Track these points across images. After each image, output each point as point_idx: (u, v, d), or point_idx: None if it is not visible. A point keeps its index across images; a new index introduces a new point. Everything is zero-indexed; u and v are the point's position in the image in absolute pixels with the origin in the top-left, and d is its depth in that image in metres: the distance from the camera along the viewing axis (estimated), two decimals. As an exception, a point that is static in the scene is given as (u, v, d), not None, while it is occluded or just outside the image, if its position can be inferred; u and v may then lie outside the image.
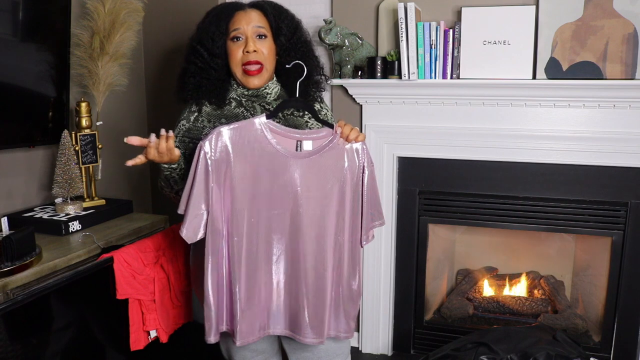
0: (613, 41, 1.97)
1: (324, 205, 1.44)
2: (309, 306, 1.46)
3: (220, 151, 1.35)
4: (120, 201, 2.19)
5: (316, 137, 1.44)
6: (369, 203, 1.50)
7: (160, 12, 2.52)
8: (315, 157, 1.42)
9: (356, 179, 1.47)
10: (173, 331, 1.85)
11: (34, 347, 1.51)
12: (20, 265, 1.55)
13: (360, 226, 1.51)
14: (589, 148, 2.12)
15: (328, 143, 1.43)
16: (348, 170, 1.45)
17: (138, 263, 1.71)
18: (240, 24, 1.52)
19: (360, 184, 1.47)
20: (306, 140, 1.43)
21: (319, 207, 1.43)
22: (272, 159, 1.39)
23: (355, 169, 1.46)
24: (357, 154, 1.46)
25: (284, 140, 1.42)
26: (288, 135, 1.43)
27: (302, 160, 1.41)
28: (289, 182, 1.40)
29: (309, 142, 1.43)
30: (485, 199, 2.31)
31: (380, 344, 2.54)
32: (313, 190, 1.42)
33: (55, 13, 1.99)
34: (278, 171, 1.40)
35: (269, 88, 1.59)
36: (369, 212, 1.50)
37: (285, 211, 1.42)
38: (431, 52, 2.12)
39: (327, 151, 1.43)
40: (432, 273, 2.57)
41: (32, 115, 1.98)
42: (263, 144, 1.39)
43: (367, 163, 1.47)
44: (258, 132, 1.38)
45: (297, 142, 1.43)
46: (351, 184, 1.46)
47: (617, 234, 2.19)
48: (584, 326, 2.40)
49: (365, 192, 1.48)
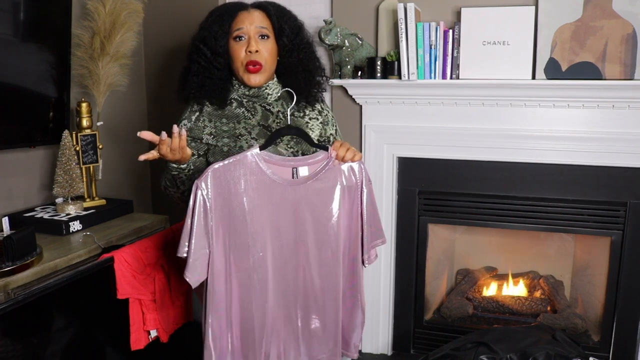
0: (612, 41, 1.98)
1: (328, 229, 1.44)
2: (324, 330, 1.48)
3: (217, 188, 1.34)
4: (120, 201, 2.20)
5: (312, 162, 1.43)
6: (369, 222, 1.48)
7: (160, 13, 2.53)
8: (312, 182, 1.41)
9: (355, 199, 1.46)
10: (173, 331, 1.85)
11: (34, 347, 1.51)
12: (21, 265, 1.55)
13: (362, 246, 1.50)
14: (588, 148, 2.12)
15: (324, 166, 1.43)
16: (346, 190, 1.44)
17: (138, 263, 1.71)
18: (243, 23, 1.53)
19: (359, 203, 1.47)
20: (302, 167, 1.43)
21: (323, 231, 1.43)
22: (270, 190, 1.38)
23: (354, 188, 1.45)
24: (354, 174, 1.45)
25: (279, 169, 1.41)
26: (283, 164, 1.42)
27: (299, 187, 1.41)
28: (289, 210, 1.40)
29: (304, 168, 1.43)
30: (485, 199, 2.32)
31: (380, 344, 2.54)
32: (315, 216, 1.42)
33: (56, 13, 1.99)
34: (277, 201, 1.39)
35: (269, 88, 1.60)
36: (369, 231, 1.49)
37: (290, 240, 1.41)
38: (431, 52, 2.13)
39: (324, 174, 1.42)
40: (432, 273, 2.57)
41: (32, 116, 1.99)
42: (259, 175, 1.38)
43: (365, 181, 1.46)
44: (252, 164, 1.37)
45: (293, 169, 1.43)
46: (351, 204, 1.46)
47: (616, 234, 2.19)
48: (583, 326, 2.40)
49: (365, 211, 1.47)
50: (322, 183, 1.42)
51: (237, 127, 1.56)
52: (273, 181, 1.39)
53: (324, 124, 1.67)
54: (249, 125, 1.57)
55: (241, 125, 1.57)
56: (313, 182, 1.42)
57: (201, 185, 1.32)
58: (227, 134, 1.55)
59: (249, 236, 1.38)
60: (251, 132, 1.56)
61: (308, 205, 1.42)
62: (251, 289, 1.40)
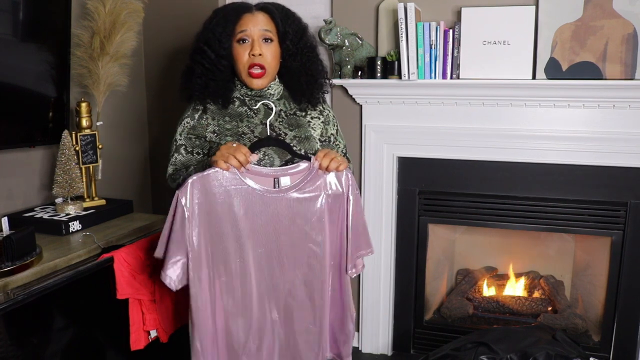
0: (612, 41, 1.97)
1: (310, 238, 1.44)
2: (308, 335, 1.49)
3: (198, 198, 1.36)
4: (120, 201, 2.19)
5: (293, 172, 1.44)
6: (354, 231, 1.48)
7: (160, 13, 2.52)
8: (294, 191, 1.42)
9: (341, 208, 1.46)
10: (173, 331, 1.85)
11: (34, 347, 1.51)
12: (21, 265, 1.55)
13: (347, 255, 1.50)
14: (589, 148, 2.12)
15: (306, 176, 1.43)
16: (331, 199, 1.44)
17: (138, 263, 1.71)
18: (247, 26, 1.52)
19: (345, 212, 1.46)
20: (283, 177, 1.43)
21: (305, 240, 1.44)
22: (250, 199, 1.40)
23: (339, 197, 1.45)
24: (340, 183, 1.45)
25: (260, 179, 1.42)
26: (264, 174, 1.43)
27: (281, 196, 1.42)
28: (271, 219, 1.42)
29: (286, 178, 1.44)
30: (485, 199, 2.31)
31: (380, 344, 2.54)
32: (297, 225, 1.43)
33: (55, 13, 1.99)
34: (258, 211, 1.41)
35: (271, 89, 1.60)
36: (354, 240, 1.49)
37: (271, 249, 1.43)
38: (431, 52, 2.12)
39: (306, 183, 1.43)
40: (432, 273, 2.57)
41: (32, 116, 1.98)
42: (239, 185, 1.39)
43: (352, 191, 1.45)
44: (232, 175, 1.39)
45: (275, 180, 1.43)
46: (336, 213, 1.46)
47: (617, 234, 2.19)
48: (584, 326, 2.40)
49: (350, 220, 1.47)
50: (304, 193, 1.43)
51: (240, 126, 1.56)
52: (253, 190, 1.40)
53: (325, 124, 1.67)
54: (252, 123, 1.57)
55: (244, 124, 1.57)
56: (296, 192, 1.42)
57: (181, 195, 1.35)
58: (230, 132, 1.56)
59: (230, 244, 1.40)
60: (254, 130, 1.56)
61: (290, 214, 1.43)
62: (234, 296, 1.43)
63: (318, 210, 1.43)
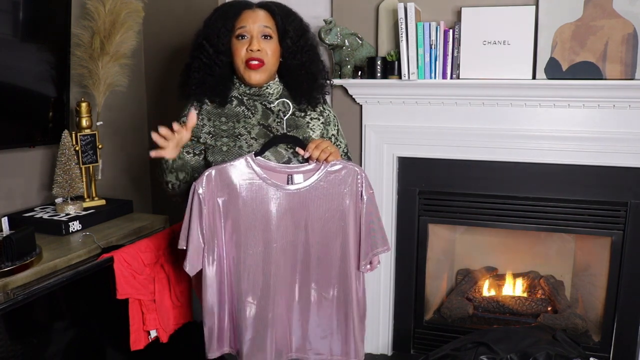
0: (613, 41, 1.97)
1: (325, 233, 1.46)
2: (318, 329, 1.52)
3: (212, 191, 1.40)
4: (120, 201, 2.19)
5: (306, 170, 1.46)
6: (368, 229, 1.49)
7: (160, 13, 2.52)
8: (308, 188, 1.44)
9: (355, 206, 1.47)
10: (173, 331, 1.85)
11: (34, 347, 1.51)
12: (21, 265, 1.55)
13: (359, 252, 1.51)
14: (589, 148, 2.12)
15: (319, 173, 1.45)
16: (347, 197, 1.46)
17: (138, 263, 1.71)
18: (246, 22, 1.52)
19: (360, 210, 1.48)
20: (297, 174, 1.46)
21: (320, 236, 1.46)
22: (266, 194, 1.42)
23: (354, 195, 1.46)
24: (355, 181, 1.46)
25: (275, 175, 1.44)
26: (278, 170, 1.45)
27: (295, 192, 1.43)
28: (284, 215, 1.43)
29: (299, 176, 1.46)
30: (485, 199, 2.31)
31: (380, 344, 2.54)
32: (311, 221, 1.45)
33: (55, 13, 1.99)
34: (273, 205, 1.43)
35: (270, 88, 1.60)
36: (368, 238, 1.50)
37: (286, 243, 1.45)
38: (431, 52, 2.12)
39: (320, 181, 1.44)
40: (432, 273, 2.57)
41: (32, 116, 1.98)
42: (254, 180, 1.42)
43: (365, 189, 1.47)
44: (248, 169, 1.42)
45: (288, 176, 1.46)
46: (349, 211, 1.47)
47: (617, 234, 2.19)
48: (584, 326, 2.40)
49: (364, 218, 1.48)
50: (319, 190, 1.44)
51: (236, 127, 1.56)
52: (269, 185, 1.42)
53: (326, 124, 1.66)
54: (249, 124, 1.56)
55: (240, 125, 1.56)
56: (309, 189, 1.44)
57: (198, 187, 1.38)
58: (226, 134, 1.55)
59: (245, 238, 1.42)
60: (251, 131, 1.55)
61: (304, 211, 1.44)
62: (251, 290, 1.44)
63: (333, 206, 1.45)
